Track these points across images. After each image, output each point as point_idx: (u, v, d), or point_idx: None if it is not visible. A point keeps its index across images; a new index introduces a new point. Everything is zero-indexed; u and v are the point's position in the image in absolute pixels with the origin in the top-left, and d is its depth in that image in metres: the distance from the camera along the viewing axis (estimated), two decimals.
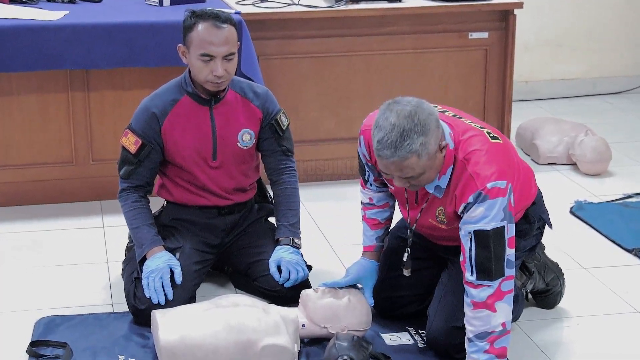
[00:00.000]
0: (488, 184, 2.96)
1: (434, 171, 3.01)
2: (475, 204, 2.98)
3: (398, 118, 2.87)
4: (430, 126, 2.89)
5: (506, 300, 3.02)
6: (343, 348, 3.13)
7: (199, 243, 3.70)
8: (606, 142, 5.20)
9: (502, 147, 3.11)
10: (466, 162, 3.02)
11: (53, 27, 4.33)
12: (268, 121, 3.71)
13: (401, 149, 2.86)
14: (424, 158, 2.90)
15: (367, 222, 3.45)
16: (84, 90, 4.55)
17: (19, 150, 4.59)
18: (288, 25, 4.79)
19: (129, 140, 3.61)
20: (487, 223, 2.98)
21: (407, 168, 2.91)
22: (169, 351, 3.13)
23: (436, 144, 2.93)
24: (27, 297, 3.74)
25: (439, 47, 4.98)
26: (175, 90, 3.63)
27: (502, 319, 3.01)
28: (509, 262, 3.02)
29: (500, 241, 2.99)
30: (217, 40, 3.45)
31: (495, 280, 3.00)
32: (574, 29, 6.66)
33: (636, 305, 3.69)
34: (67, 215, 4.54)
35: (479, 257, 2.99)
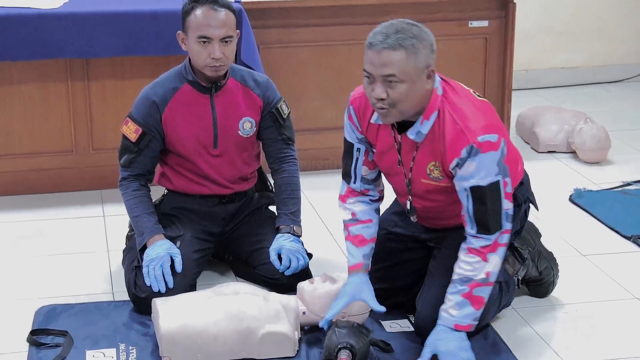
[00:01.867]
0: (479, 137, 2.97)
1: (413, 95, 2.97)
2: (468, 158, 2.99)
3: (398, 21, 2.98)
4: (425, 39, 2.96)
5: (499, 252, 3.07)
6: (343, 335, 3.14)
7: (199, 231, 3.71)
8: (606, 131, 5.21)
9: (488, 105, 3.13)
10: (454, 113, 3.03)
11: (53, 15, 4.33)
12: (269, 110, 3.72)
13: (392, 37, 2.91)
14: (411, 62, 2.92)
15: (351, 240, 3.31)
16: (84, 79, 4.55)
17: (19, 139, 4.60)
18: (288, 13, 4.79)
19: (129, 128, 3.61)
20: (482, 178, 3.00)
21: (392, 64, 2.91)
22: (169, 339, 3.14)
23: (425, 62, 2.95)
24: (27, 285, 3.75)
25: (440, 36, 4.86)
26: (175, 78, 3.63)
27: (488, 269, 3.05)
28: (508, 216, 3.06)
29: (497, 195, 3.02)
30: (215, 23, 3.46)
31: (493, 233, 3.04)
32: (574, 17, 6.66)
33: (634, 291, 3.71)
34: (68, 204, 4.55)
35: (477, 212, 3.03)
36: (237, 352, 3.19)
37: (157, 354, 3.21)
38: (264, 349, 3.19)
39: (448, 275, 3.15)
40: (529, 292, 3.66)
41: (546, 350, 3.29)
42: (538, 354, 3.27)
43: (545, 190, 4.74)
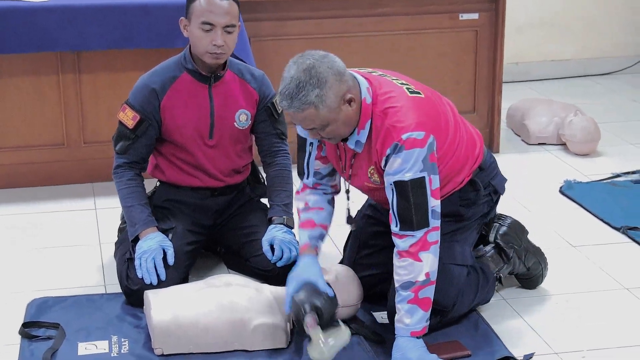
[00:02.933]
0: (403, 135, 3.02)
1: (342, 125, 3.06)
2: (392, 155, 3.04)
3: (297, 71, 2.98)
4: (328, 79, 2.97)
5: (432, 250, 3.08)
6: (303, 300, 3.14)
7: (191, 224, 3.72)
8: (595, 122, 5.23)
9: (422, 100, 3.15)
10: (384, 116, 3.07)
11: (44, 8, 4.33)
12: (264, 104, 3.74)
13: (296, 99, 2.97)
14: (323, 110, 2.98)
15: (302, 225, 3.37)
16: (75, 72, 4.56)
17: (10, 132, 4.61)
18: (281, 6, 4.81)
19: (127, 115, 3.62)
20: (405, 174, 3.03)
21: (307, 119, 3.01)
22: (162, 330, 3.16)
23: (337, 97, 2.99)
24: (19, 278, 3.76)
25: (431, 28, 5.01)
26: (174, 67, 3.65)
27: (426, 269, 3.06)
28: (434, 213, 3.07)
29: (421, 192, 3.04)
30: (219, 10, 3.49)
31: (417, 230, 3.05)
32: (565, 10, 6.68)
33: (624, 282, 3.73)
34: (59, 197, 4.56)
35: (400, 207, 3.05)
36: (229, 344, 3.20)
37: (149, 345, 3.22)
38: (255, 340, 3.20)
39: None
40: (519, 284, 3.68)
41: (536, 340, 3.31)
42: (528, 343, 3.29)
43: (535, 182, 4.78)
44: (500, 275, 3.52)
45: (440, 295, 3.24)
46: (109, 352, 3.20)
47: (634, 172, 4.89)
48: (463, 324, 3.38)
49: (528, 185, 4.71)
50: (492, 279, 3.46)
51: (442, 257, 3.26)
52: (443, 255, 3.26)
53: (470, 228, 3.40)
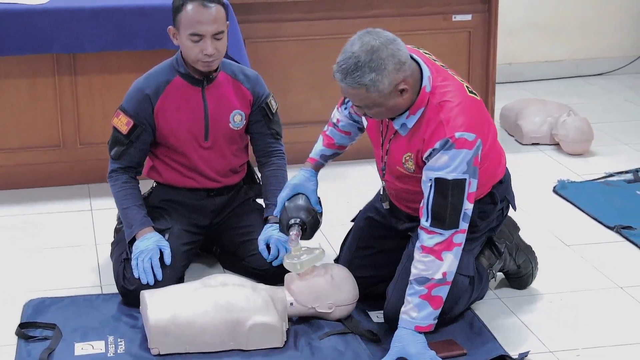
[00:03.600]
0: (456, 133, 3.02)
1: (388, 110, 3.08)
2: (440, 150, 3.04)
3: (360, 49, 2.97)
4: (387, 66, 2.96)
5: (455, 252, 3.09)
6: (292, 210, 3.34)
7: (188, 224, 3.73)
8: (588, 122, 5.25)
9: (477, 103, 3.17)
10: (439, 109, 3.07)
11: (40, 10, 4.34)
12: (258, 104, 3.75)
13: (350, 77, 2.97)
14: (374, 94, 2.99)
15: (323, 136, 3.56)
16: (71, 74, 4.57)
17: (6, 134, 4.61)
18: (275, 8, 4.82)
19: (121, 121, 3.63)
20: (449, 172, 3.04)
21: (356, 97, 3.03)
22: (158, 330, 3.17)
23: (391, 86, 2.99)
24: (16, 279, 3.77)
25: (424, 30, 5.02)
26: (167, 71, 3.66)
27: (444, 269, 3.08)
28: (465, 216, 3.08)
29: (460, 193, 3.05)
30: (206, 19, 3.48)
31: (447, 230, 3.06)
32: (558, 11, 6.70)
33: (618, 281, 3.75)
34: (55, 198, 4.56)
35: (436, 204, 3.06)
36: (225, 343, 3.21)
37: (145, 345, 3.23)
38: (252, 340, 3.22)
39: None
40: (509, 284, 3.69)
41: (531, 339, 3.33)
42: (523, 342, 3.31)
43: (529, 182, 4.79)
44: (493, 272, 3.53)
45: None
46: (105, 352, 3.21)
47: (627, 172, 4.91)
48: (458, 323, 3.39)
49: (522, 185, 4.70)
50: (486, 277, 3.47)
51: None
52: None
53: (478, 240, 3.41)
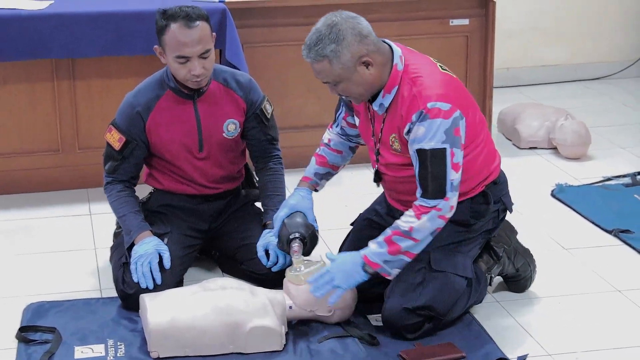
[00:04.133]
0: (429, 103, 3.11)
1: (355, 85, 3.19)
2: (417, 122, 3.12)
3: (322, 24, 3.18)
4: (346, 37, 3.11)
5: (431, 216, 3.16)
6: (293, 227, 3.45)
7: (186, 228, 3.74)
8: (586, 126, 5.26)
9: (452, 78, 3.26)
10: (412, 84, 3.17)
11: (39, 16, 4.36)
12: (253, 111, 3.74)
13: (313, 50, 3.15)
14: (337, 66, 3.13)
15: (315, 157, 3.64)
16: (69, 78, 4.58)
17: (5, 138, 4.62)
18: (273, 13, 4.84)
19: (113, 136, 3.64)
20: (427, 142, 3.12)
21: (321, 72, 3.18)
22: (158, 334, 3.18)
23: (353, 57, 3.13)
24: (16, 283, 3.78)
25: (422, 34, 5.03)
26: (157, 85, 3.64)
27: (414, 224, 3.15)
28: (452, 186, 3.15)
29: (440, 162, 3.12)
30: (191, 41, 3.44)
31: (432, 199, 3.15)
32: (555, 15, 6.71)
33: (616, 284, 3.76)
34: (54, 203, 4.58)
35: (420, 175, 3.16)
36: (224, 346, 3.23)
37: (144, 349, 3.24)
38: (251, 343, 3.23)
39: (417, 272, 3.28)
40: (507, 287, 3.70)
41: (529, 342, 3.34)
42: (522, 345, 3.32)
43: (527, 186, 4.80)
44: (491, 275, 3.55)
45: (437, 302, 3.28)
46: (105, 355, 3.23)
47: (625, 176, 4.91)
48: (457, 326, 3.41)
49: (520, 189, 4.70)
50: (484, 280, 3.49)
51: (445, 266, 3.31)
52: (446, 265, 3.32)
53: (474, 241, 3.43)
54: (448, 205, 3.16)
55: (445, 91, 3.16)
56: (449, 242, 3.35)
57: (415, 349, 3.24)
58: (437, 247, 3.32)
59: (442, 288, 3.28)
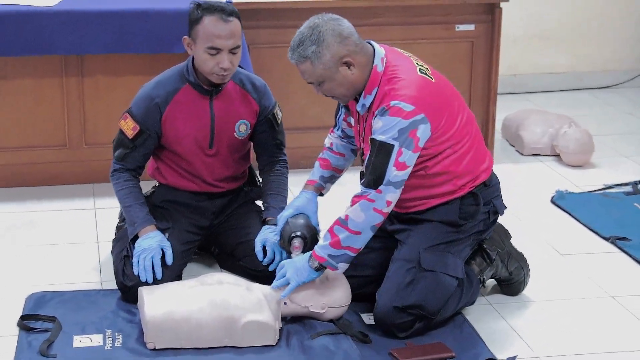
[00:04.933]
0: (392, 101, 3.21)
1: (339, 85, 3.30)
2: (378, 116, 3.24)
3: (305, 26, 3.31)
4: (326, 39, 3.23)
5: (362, 204, 3.26)
6: (295, 225, 3.53)
7: (188, 224, 3.80)
8: (589, 134, 5.28)
9: (428, 82, 3.32)
10: (387, 84, 3.27)
11: (48, 13, 4.42)
12: (265, 115, 3.80)
13: (296, 51, 3.29)
14: (318, 67, 3.26)
15: (319, 160, 3.71)
16: (78, 75, 4.64)
17: (13, 133, 4.69)
18: (278, 15, 4.88)
19: (127, 124, 3.68)
20: (379, 135, 3.22)
21: (304, 73, 3.32)
22: (154, 325, 3.24)
23: (334, 58, 3.24)
24: (19, 273, 3.85)
25: (426, 39, 5.07)
26: (177, 78, 3.69)
27: (349, 213, 3.28)
28: (389, 182, 3.23)
29: (384, 156, 3.21)
30: (225, 34, 3.51)
31: (365, 187, 3.26)
32: (562, 23, 6.73)
33: (609, 290, 3.80)
34: (60, 197, 4.64)
35: (366, 164, 3.28)
36: (219, 340, 3.28)
37: (141, 340, 3.30)
38: (245, 337, 3.28)
39: (405, 267, 3.35)
40: (500, 290, 3.74)
41: (519, 344, 3.39)
42: (510, 346, 3.37)
43: (527, 192, 4.84)
44: (483, 278, 3.59)
45: (427, 301, 3.34)
46: (102, 345, 3.29)
47: (627, 184, 4.94)
48: (448, 327, 3.46)
49: (520, 194, 4.77)
50: (476, 282, 3.54)
51: (435, 265, 3.37)
52: (436, 264, 3.37)
53: (464, 242, 3.48)
54: (382, 198, 3.24)
55: (416, 94, 3.24)
56: (439, 242, 3.40)
57: (405, 348, 3.29)
58: (427, 247, 3.38)
59: (433, 287, 3.34)
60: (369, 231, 3.29)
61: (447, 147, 3.35)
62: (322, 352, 3.26)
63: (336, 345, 3.31)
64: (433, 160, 3.36)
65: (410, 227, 3.47)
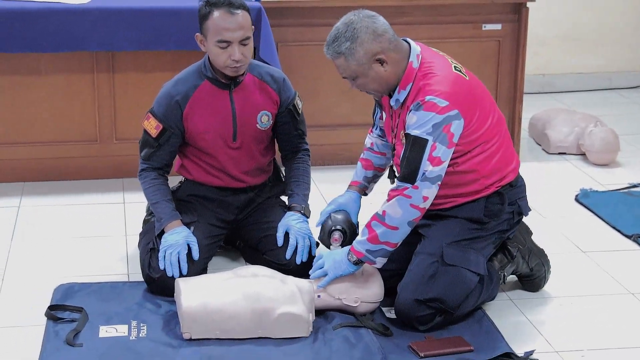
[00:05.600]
0: (427, 96, 3.26)
1: (372, 81, 3.35)
2: (412, 111, 3.29)
3: (341, 22, 3.38)
4: (360, 36, 3.28)
5: (400, 200, 3.31)
6: (336, 220, 3.64)
7: (213, 218, 3.86)
8: (615, 133, 5.29)
9: (463, 80, 3.37)
10: (422, 79, 3.32)
11: (80, 10, 4.51)
12: (286, 106, 3.85)
13: (331, 47, 3.36)
14: (352, 62, 3.31)
15: (361, 161, 3.78)
16: (109, 71, 4.72)
17: (46, 128, 4.78)
18: (307, 13, 4.94)
19: (150, 124, 3.75)
20: (414, 130, 3.27)
21: (339, 68, 3.38)
22: (190, 316, 3.31)
23: (367, 54, 3.30)
24: (49, 265, 3.93)
25: (454, 38, 5.11)
26: (195, 75, 3.76)
27: (386, 208, 3.33)
28: (425, 177, 3.27)
29: (419, 150, 3.26)
30: (232, 26, 3.57)
31: (401, 181, 3.31)
32: (591, 23, 6.73)
33: (629, 286, 3.82)
34: (90, 191, 4.72)
35: (402, 158, 3.33)
36: (253, 331, 3.34)
37: (166, 330, 3.38)
38: (278, 329, 3.34)
39: (430, 265, 3.39)
40: (521, 286, 3.77)
41: (538, 338, 3.42)
42: (529, 341, 3.40)
43: (552, 190, 4.86)
44: (504, 274, 3.63)
45: (448, 295, 3.38)
46: (128, 335, 3.36)
47: None
48: (468, 321, 3.50)
49: (545, 192, 4.79)
50: (496, 278, 3.57)
51: (458, 260, 3.41)
52: (458, 259, 3.41)
53: (487, 240, 3.52)
54: (419, 194, 3.29)
55: (450, 90, 3.29)
56: (462, 238, 3.45)
57: (425, 341, 3.33)
58: (450, 242, 3.43)
59: (454, 282, 3.39)
60: (406, 226, 3.35)
61: (477, 145, 3.40)
62: (343, 344, 3.32)
63: (357, 338, 3.35)
64: (463, 158, 3.41)
65: (434, 222, 3.52)
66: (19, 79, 4.69)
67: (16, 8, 4.47)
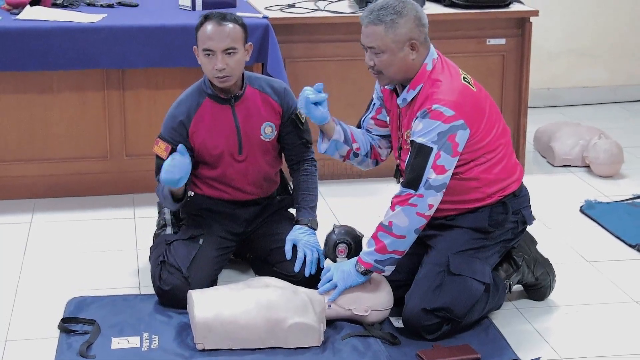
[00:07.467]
0: (434, 105, 3.32)
1: (396, 65, 3.40)
2: (419, 118, 3.35)
3: None
4: (407, 14, 3.37)
5: (406, 209, 3.37)
6: (341, 233, 3.73)
7: (222, 231, 3.91)
8: (619, 146, 5.33)
9: (471, 91, 3.44)
10: (431, 85, 3.38)
11: (92, 29, 4.58)
12: (288, 116, 3.91)
13: (375, 13, 3.38)
14: (389, 36, 3.37)
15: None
16: (119, 88, 4.77)
17: (58, 145, 4.82)
18: (314, 29, 5.00)
19: (160, 147, 3.81)
20: (419, 137, 3.34)
21: (372, 35, 3.39)
22: (203, 327, 3.36)
23: (405, 35, 3.36)
24: (61, 278, 3.98)
25: (458, 52, 5.13)
26: (196, 94, 3.83)
27: (392, 219, 3.38)
28: (428, 185, 3.33)
29: (423, 158, 3.32)
30: (217, 36, 3.64)
31: (405, 187, 3.37)
32: (597, 37, 6.75)
33: (634, 295, 3.87)
34: (102, 206, 4.77)
35: (406, 165, 3.39)
36: (265, 341, 3.39)
37: (178, 342, 3.43)
38: (290, 339, 3.39)
39: (434, 270, 3.45)
40: (527, 295, 3.82)
41: (544, 346, 3.47)
42: (535, 349, 3.45)
43: (557, 202, 4.90)
44: (510, 283, 3.68)
45: (455, 305, 3.43)
46: (140, 346, 3.41)
47: None
48: (475, 330, 3.55)
49: (550, 204, 4.83)
50: (502, 287, 3.62)
51: (464, 270, 3.46)
52: (464, 269, 3.47)
53: (493, 249, 3.57)
54: (424, 202, 3.35)
55: (457, 99, 3.36)
56: (467, 248, 3.51)
57: (432, 349, 3.38)
58: (456, 252, 3.48)
59: (460, 291, 3.44)
60: (413, 234, 3.41)
61: (481, 155, 3.47)
62: (351, 354, 3.37)
63: (365, 347, 3.41)
64: (466, 166, 3.47)
65: (440, 232, 3.57)
66: (30, 97, 4.75)
67: (29, 27, 4.55)
